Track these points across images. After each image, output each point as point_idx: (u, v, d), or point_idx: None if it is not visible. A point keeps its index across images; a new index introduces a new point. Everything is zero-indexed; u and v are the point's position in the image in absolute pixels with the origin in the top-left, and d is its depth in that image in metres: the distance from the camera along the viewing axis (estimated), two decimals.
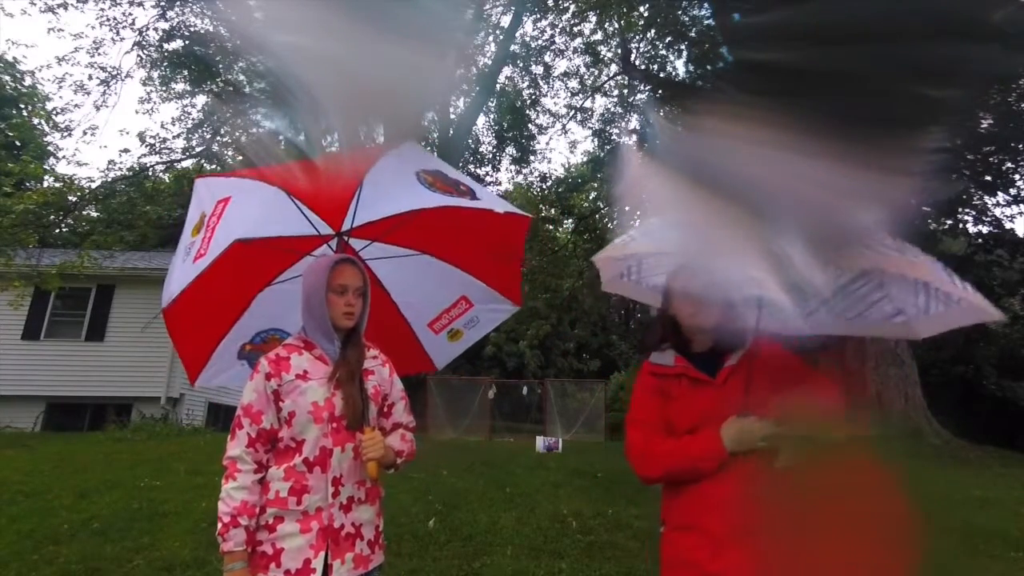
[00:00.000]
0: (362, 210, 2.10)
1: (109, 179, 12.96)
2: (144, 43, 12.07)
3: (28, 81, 18.00)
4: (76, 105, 12.76)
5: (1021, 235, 11.78)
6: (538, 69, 15.10)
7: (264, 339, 2.30)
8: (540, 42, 14.67)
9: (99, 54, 12.46)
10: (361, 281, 1.69)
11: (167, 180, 16.44)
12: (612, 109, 15.84)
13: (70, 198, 11.46)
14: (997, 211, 11.01)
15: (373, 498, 1.62)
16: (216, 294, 2.08)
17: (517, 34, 13.85)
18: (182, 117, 13.85)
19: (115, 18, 11.72)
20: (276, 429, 1.54)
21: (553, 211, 16.70)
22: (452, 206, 2.02)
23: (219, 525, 1.47)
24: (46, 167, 13.90)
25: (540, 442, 9.38)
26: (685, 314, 1.61)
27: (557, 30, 14.32)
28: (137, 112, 26.73)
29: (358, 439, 1.54)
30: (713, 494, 1.44)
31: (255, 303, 2.23)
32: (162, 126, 38.94)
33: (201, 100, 13.77)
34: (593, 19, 13.81)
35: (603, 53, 14.85)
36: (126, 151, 27.24)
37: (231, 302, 2.19)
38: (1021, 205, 10.59)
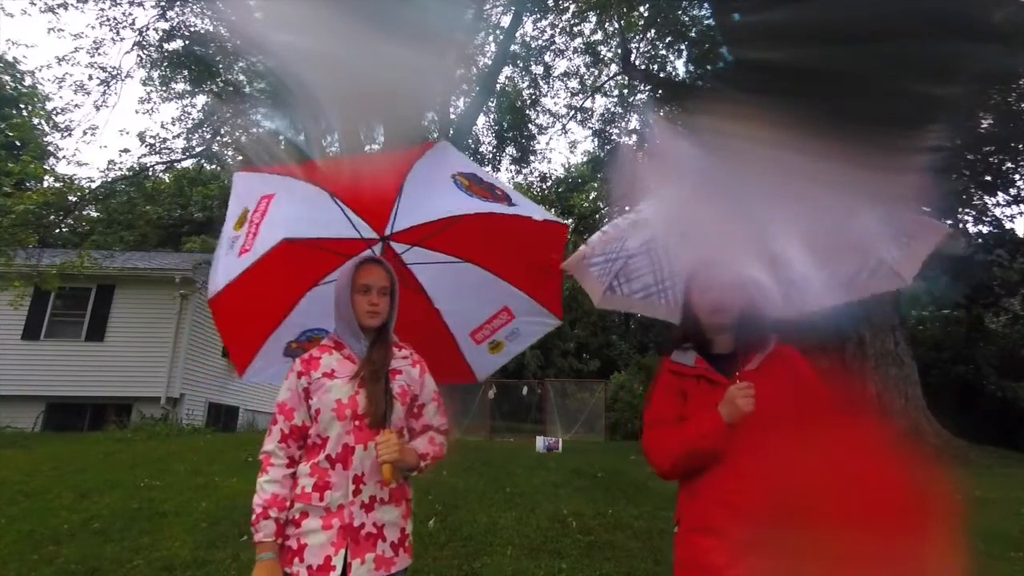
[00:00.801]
0: (403, 214, 2.11)
1: (109, 179, 13.01)
2: (144, 43, 12.09)
3: (28, 81, 18.00)
4: (76, 105, 12.84)
5: (1021, 235, 11.78)
6: (538, 69, 15.13)
7: (309, 338, 2.32)
8: (540, 42, 14.70)
9: (99, 54, 12.54)
10: (386, 281, 1.70)
11: (167, 180, 16.44)
12: (612, 109, 15.87)
13: (70, 198, 11.47)
14: (997, 211, 11.02)
15: (399, 499, 1.61)
16: (264, 290, 2.12)
17: (517, 34, 13.86)
18: (182, 117, 13.90)
19: (115, 18, 11.76)
20: (307, 426, 1.59)
21: (553, 211, 16.71)
22: (491, 212, 2.01)
23: (252, 516, 1.52)
24: (46, 167, 13.88)
25: (540, 442, 9.37)
26: (704, 313, 1.62)
27: (557, 30, 14.34)
28: (137, 112, 26.88)
29: (378, 437, 1.54)
30: (733, 498, 1.42)
31: (303, 302, 2.26)
32: (162, 126, 39.11)
33: (201, 100, 13.81)
34: (593, 19, 13.82)
35: (603, 53, 14.87)
36: (126, 151, 27.42)
37: (280, 299, 2.21)
38: (1021, 205, 10.60)
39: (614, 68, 14.96)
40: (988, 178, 10.08)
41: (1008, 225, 11.19)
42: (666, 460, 1.53)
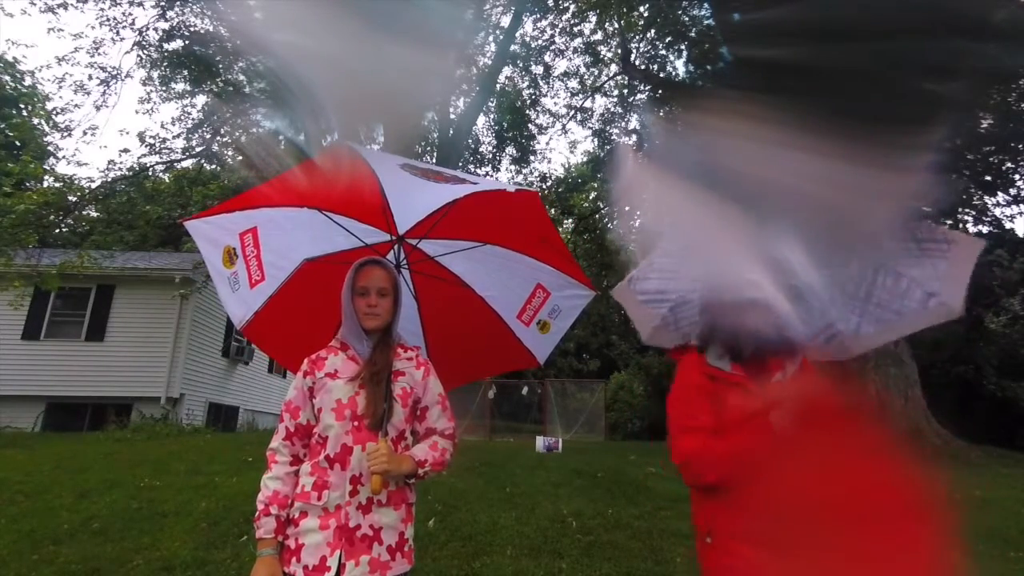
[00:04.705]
0: (400, 213, 2.13)
1: (109, 179, 12.97)
2: (144, 43, 12.07)
3: (28, 81, 18.04)
4: (76, 105, 12.80)
5: (1021, 235, 11.77)
6: (538, 69, 15.10)
7: None
8: (540, 42, 14.67)
9: (99, 54, 12.54)
10: (385, 281, 1.71)
11: (167, 180, 16.42)
12: (612, 109, 15.85)
13: (70, 198, 11.46)
14: (997, 211, 11.01)
15: (398, 502, 1.59)
16: (306, 308, 2.19)
17: (517, 34, 13.84)
18: (182, 117, 13.85)
19: (115, 18, 11.73)
20: (312, 425, 1.61)
21: (553, 211, 16.68)
22: (471, 193, 1.99)
23: (256, 513, 1.55)
24: (46, 167, 13.88)
25: (540, 442, 9.36)
26: (737, 321, 1.54)
27: (557, 30, 14.33)
28: (137, 112, 26.89)
29: (368, 446, 1.54)
30: (775, 506, 1.38)
31: None
32: (162, 126, 39.13)
33: (201, 100, 13.77)
34: (593, 19, 13.81)
35: (603, 53, 14.85)
36: (126, 151, 27.33)
37: (327, 313, 2.20)
38: (1021, 205, 10.59)
39: (614, 68, 14.95)
40: (988, 178, 10.07)
41: (1008, 225, 11.20)
42: (714, 471, 1.45)
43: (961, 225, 11.25)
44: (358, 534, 1.50)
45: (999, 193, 10.44)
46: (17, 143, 15.89)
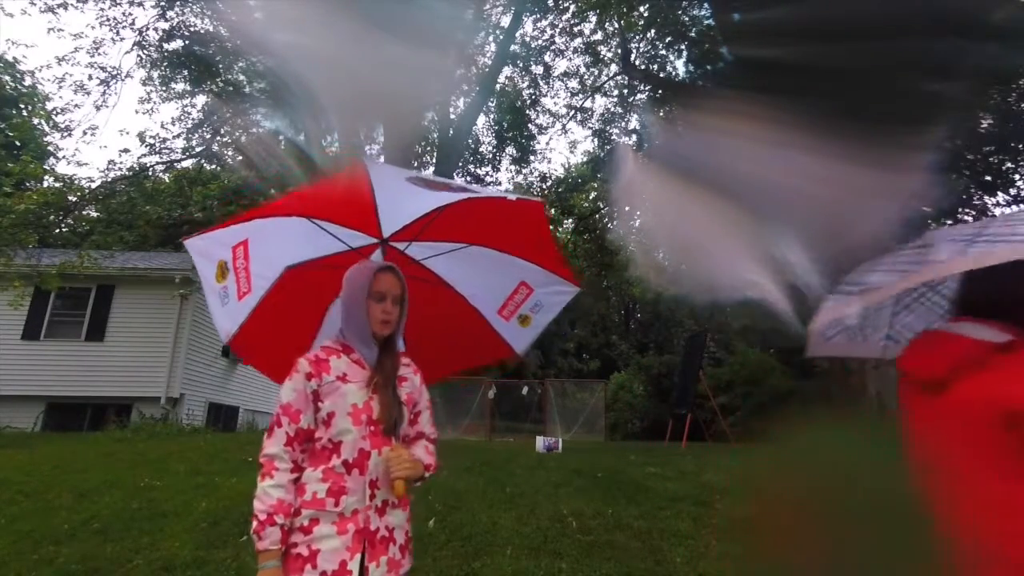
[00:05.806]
0: (388, 218, 2.14)
1: (109, 179, 12.98)
2: (144, 43, 12.07)
3: (28, 81, 18.01)
4: (76, 105, 12.79)
5: None
6: (538, 69, 15.10)
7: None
8: (540, 42, 14.67)
9: (99, 54, 12.50)
10: (400, 289, 1.72)
11: (167, 180, 16.43)
12: (612, 109, 15.85)
13: (70, 198, 11.47)
14: (997, 211, 11.00)
15: (405, 503, 1.65)
16: (285, 317, 2.21)
17: (517, 34, 13.83)
18: (182, 117, 13.86)
19: (115, 18, 11.72)
20: (313, 429, 1.56)
21: (553, 211, 16.68)
22: (467, 198, 2.02)
23: (254, 523, 1.44)
24: (46, 167, 13.87)
25: (540, 442, 9.35)
26: None
27: (557, 30, 14.32)
28: (137, 112, 26.85)
29: (385, 451, 1.57)
30: None
31: (330, 314, 2.31)
32: (162, 126, 39.12)
33: (201, 100, 13.77)
34: (593, 19, 13.81)
35: (603, 53, 14.84)
36: (126, 151, 27.35)
37: (305, 320, 2.26)
38: (1021, 205, 10.58)
39: (614, 68, 14.94)
40: (988, 178, 10.06)
41: None
42: None
43: None
44: (377, 537, 1.53)
45: (999, 193, 10.43)
46: (17, 143, 15.89)
